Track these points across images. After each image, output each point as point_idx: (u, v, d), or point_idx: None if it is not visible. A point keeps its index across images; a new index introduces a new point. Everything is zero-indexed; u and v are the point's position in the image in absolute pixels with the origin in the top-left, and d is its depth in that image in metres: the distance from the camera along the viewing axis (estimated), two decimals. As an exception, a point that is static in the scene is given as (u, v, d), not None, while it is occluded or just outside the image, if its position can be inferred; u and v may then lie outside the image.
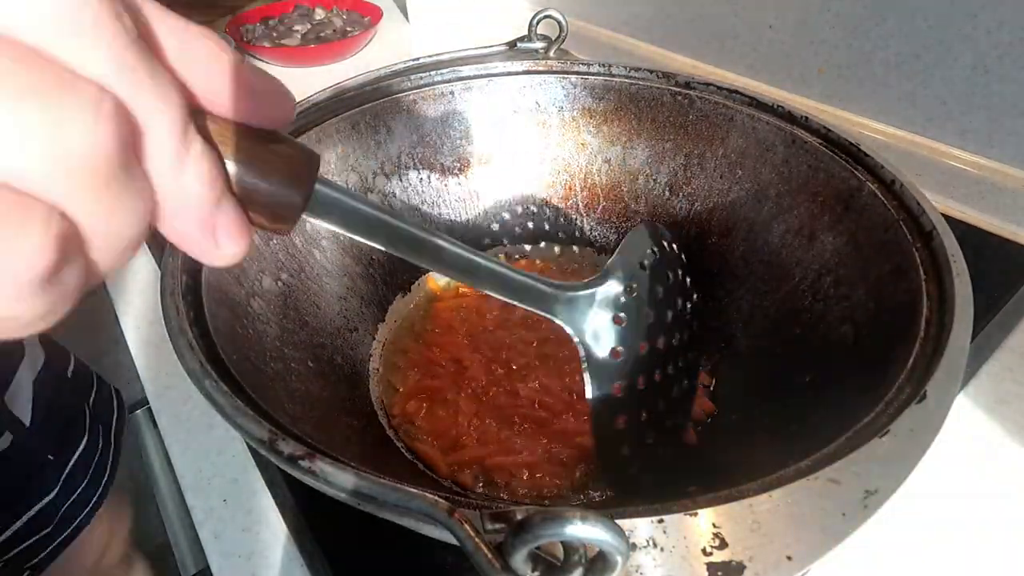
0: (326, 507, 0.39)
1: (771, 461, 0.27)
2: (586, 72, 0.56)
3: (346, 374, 0.47)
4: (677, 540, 0.23)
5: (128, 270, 0.63)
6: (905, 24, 0.64)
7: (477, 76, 0.56)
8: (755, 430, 0.40)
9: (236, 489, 0.44)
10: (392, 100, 0.54)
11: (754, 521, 0.23)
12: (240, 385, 0.31)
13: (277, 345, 0.41)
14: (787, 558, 0.22)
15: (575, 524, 0.18)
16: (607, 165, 0.58)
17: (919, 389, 0.29)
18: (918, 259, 0.36)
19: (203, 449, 0.47)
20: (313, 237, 0.49)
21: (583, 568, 0.20)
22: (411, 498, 0.22)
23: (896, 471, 0.25)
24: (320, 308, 0.47)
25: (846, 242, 0.42)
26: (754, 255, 0.49)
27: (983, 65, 0.60)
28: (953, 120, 0.64)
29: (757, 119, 0.49)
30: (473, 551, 0.20)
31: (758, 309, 0.47)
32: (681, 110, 0.54)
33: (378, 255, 0.53)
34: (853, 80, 0.71)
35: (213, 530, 0.42)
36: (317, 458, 0.25)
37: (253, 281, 0.42)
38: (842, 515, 0.24)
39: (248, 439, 0.27)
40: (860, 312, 0.39)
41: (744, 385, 0.45)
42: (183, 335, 0.32)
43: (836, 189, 0.44)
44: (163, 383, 0.52)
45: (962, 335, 0.31)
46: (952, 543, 0.39)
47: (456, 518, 0.21)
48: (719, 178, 0.52)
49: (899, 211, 0.39)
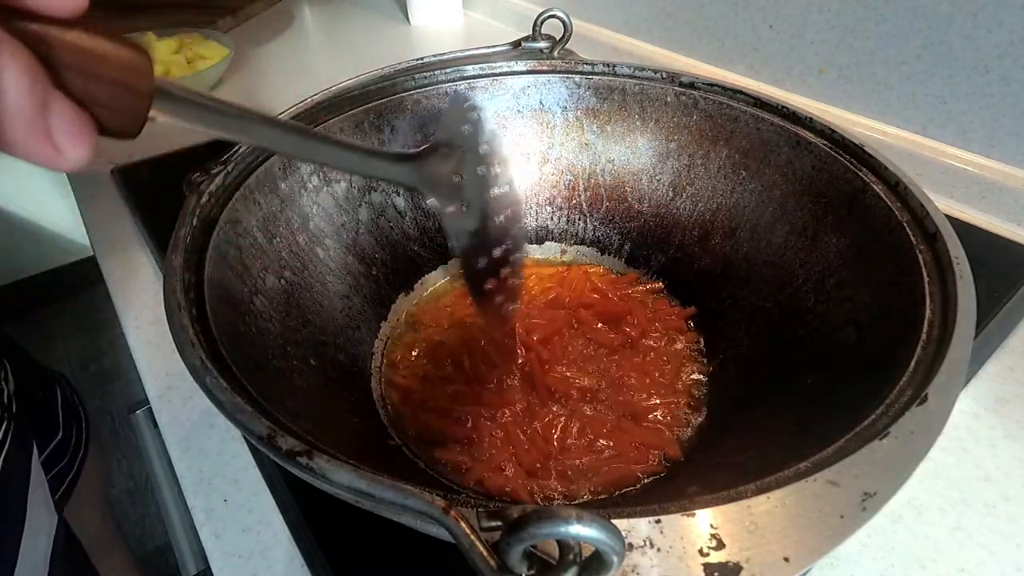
0: (327, 507, 0.40)
1: (771, 462, 0.27)
2: (590, 72, 0.56)
3: (348, 372, 0.47)
4: (674, 540, 0.23)
5: (128, 270, 0.63)
6: (905, 24, 0.64)
7: (481, 75, 0.56)
8: (756, 431, 0.40)
9: (237, 489, 0.44)
10: (396, 99, 0.54)
11: (752, 522, 0.23)
12: (241, 382, 0.31)
13: (279, 343, 0.41)
14: (784, 559, 0.22)
15: (571, 523, 0.18)
16: (611, 165, 0.58)
17: (920, 391, 0.28)
18: (921, 261, 0.36)
19: (203, 449, 0.47)
20: (316, 235, 0.49)
21: (578, 567, 0.20)
22: (408, 496, 0.22)
23: (896, 473, 0.25)
24: (322, 306, 0.47)
25: (850, 243, 0.42)
26: (757, 256, 0.49)
27: (983, 65, 0.60)
28: (953, 120, 0.64)
29: (761, 119, 0.49)
30: (469, 549, 0.20)
31: (761, 310, 0.47)
32: (685, 110, 0.53)
33: (381, 254, 0.54)
34: (853, 80, 0.70)
35: (214, 530, 0.42)
36: (316, 455, 0.25)
37: (256, 279, 0.42)
38: (840, 517, 0.23)
39: (248, 435, 0.27)
40: (863, 314, 0.39)
41: (745, 385, 0.45)
42: (185, 331, 0.32)
43: (840, 190, 0.44)
44: (163, 383, 0.52)
45: (964, 339, 0.31)
46: (952, 543, 0.39)
47: (452, 516, 0.21)
48: (723, 179, 0.52)
49: (903, 212, 0.39)
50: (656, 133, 0.55)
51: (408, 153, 0.37)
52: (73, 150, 0.19)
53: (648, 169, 0.56)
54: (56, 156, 0.19)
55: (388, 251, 0.54)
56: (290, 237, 0.46)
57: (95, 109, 0.20)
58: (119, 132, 0.22)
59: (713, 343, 0.50)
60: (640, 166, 0.57)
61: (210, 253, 0.38)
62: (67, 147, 0.19)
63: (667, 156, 0.55)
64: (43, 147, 0.19)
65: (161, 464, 0.62)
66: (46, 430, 0.72)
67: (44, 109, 0.18)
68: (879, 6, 0.65)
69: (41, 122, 0.18)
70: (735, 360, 0.48)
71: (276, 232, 0.45)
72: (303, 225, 0.48)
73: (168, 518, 0.60)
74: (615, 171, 0.58)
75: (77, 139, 0.19)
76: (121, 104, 0.21)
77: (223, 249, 0.40)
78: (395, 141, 0.54)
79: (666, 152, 0.55)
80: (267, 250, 0.44)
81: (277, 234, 0.45)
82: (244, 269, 0.41)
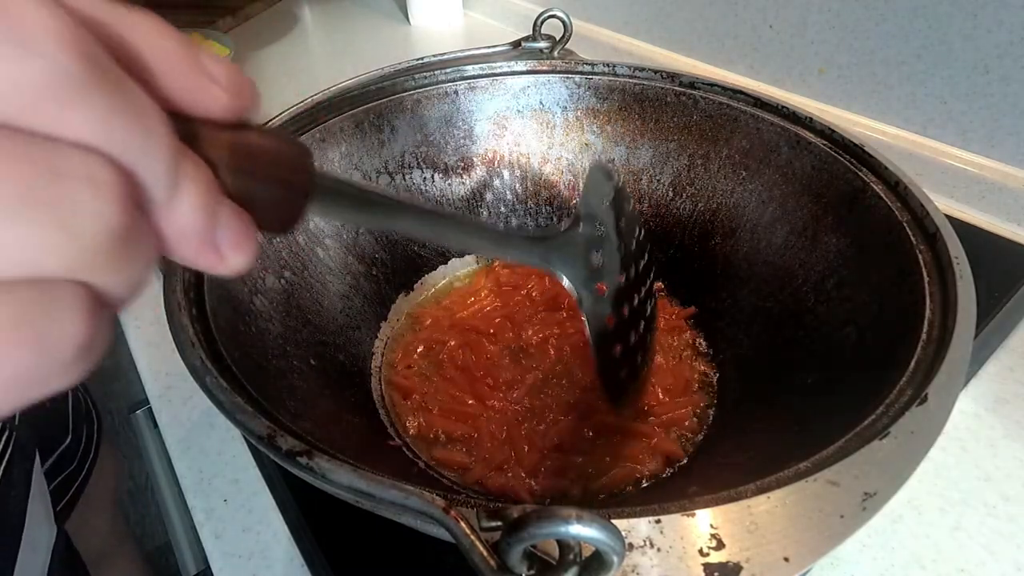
0: (327, 507, 0.40)
1: (771, 462, 0.27)
2: (590, 72, 0.56)
3: (348, 372, 0.47)
4: (674, 540, 0.23)
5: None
6: (905, 24, 0.64)
7: (481, 75, 0.56)
8: (756, 431, 0.40)
9: (237, 489, 0.44)
10: (396, 99, 0.54)
11: (752, 522, 0.23)
12: (241, 382, 0.31)
13: (279, 343, 0.41)
14: (784, 559, 0.22)
15: (571, 523, 0.18)
16: (611, 165, 0.58)
17: (920, 391, 0.28)
18: (922, 261, 0.36)
19: (203, 449, 0.47)
20: (316, 235, 0.49)
21: (578, 567, 0.20)
22: (408, 495, 0.22)
23: (896, 473, 0.25)
24: (323, 306, 0.47)
25: (850, 244, 0.42)
26: (757, 256, 0.49)
27: (983, 65, 0.60)
28: (953, 120, 0.64)
29: (761, 119, 0.49)
30: (469, 549, 0.20)
31: (761, 310, 0.47)
32: (685, 110, 0.53)
33: (381, 254, 0.54)
34: (853, 80, 0.70)
35: (214, 530, 0.42)
36: (316, 455, 0.25)
37: (256, 279, 0.42)
38: (840, 517, 0.23)
39: (247, 435, 0.27)
40: (863, 314, 0.39)
41: (746, 386, 0.45)
42: (185, 331, 0.32)
43: (840, 190, 0.44)
44: (163, 383, 0.52)
45: (964, 339, 0.31)
46: (952, 543, 0.39)
47: (452, 516, 0.21)
48: (723, 179, 0.52)
49: (903, 213, 0.39)
50: (656, 133, 0.55)
51: (545, 235, 0.36)
52: (236, 258, 0.19)
53: (648, 169, 0.56)
54: (219, 263, 0.18)
55: (388, 251, 0.54)
56: (290, 237, 0.46)
57: (256, 211, 0.19)
58: (274, 230, 0.21)
59: (713, 343, 0.50)
60: (640, 166, 0.57)
61: (210, 253, 0.38)
62: (231, 256, 0.18)
63: (667, 156, 0.55)
64: (209, 258, 0.18)
65: (161, 464, 0.62)
66: (54, 436, 0.71)
67: (214, 221, 0.18)
68: (879, 6, 0.65)
69: (211, 235, 0.18)
70: (735, 360, 0.48)
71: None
72: (303, 225, 0.48)
73: (168, 518, 0.59)
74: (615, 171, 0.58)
75: (241, 247, 0.19)
76: (280, 204, 0.20)
77: (223, 249, 0.40)
78: (395, 141, 0.54)
79: (666, 152, 0.55)
80: (267, 250, 0.44)
81: (277, 234, 0.45)
82: (244, 269, 0.41)
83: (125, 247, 0.15)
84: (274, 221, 0.20)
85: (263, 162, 0.19)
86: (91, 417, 0.79)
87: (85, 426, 0.77)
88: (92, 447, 0.77)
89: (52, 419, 0.71)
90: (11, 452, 0.55)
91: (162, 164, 0.16)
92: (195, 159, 0.17)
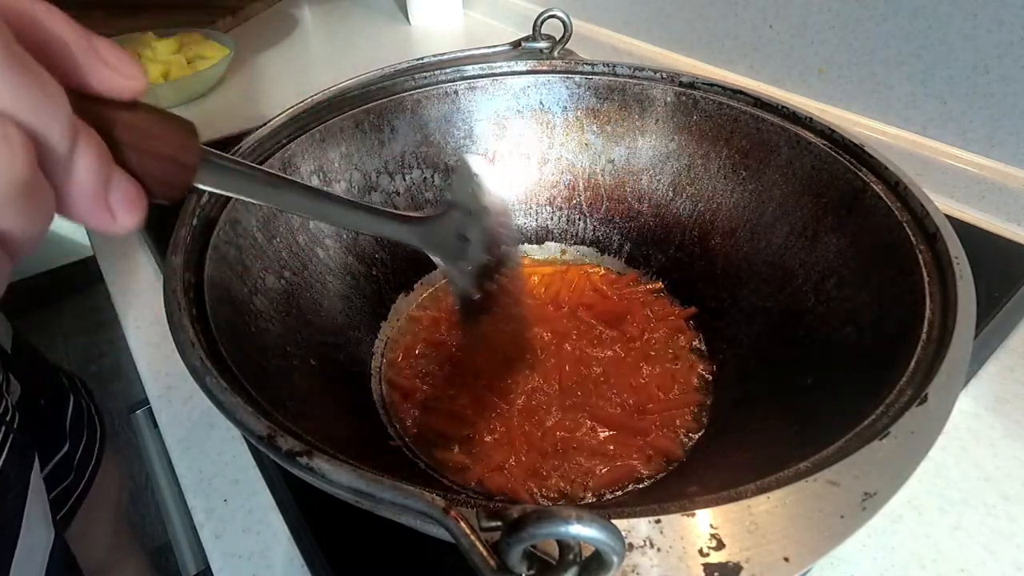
0: (327, 507, 0.40)
1: (771, 462, 0.27)
2: (590, 72, 0.56)
3: (348, 372, 0.47)
4: (674, 540, 0.23)
5: (128, 271, 0.63)
6: (905, 24, 0.64)
7: (481, 76, 0.56)
8: (756, 431, 0.40)
9: (237, 489, 0.44)
10: (396, 99, 0.54)
11: (752, 522, 0.23)
12: (241, 382, 0.31)
13: (279, 343, 0.41)
14: (784, 559, 0.22)
15: (570, 523, 0.18)
16: (611, 165, 0.58)
17: (920, 391, 0.28)
18: (921, 261, 0.36)
19: (203, 449, 0.47)
20: (316, 235, 0.49)
21: (578, 567, 0.20)
22: (408, 495, 0.22)
23: (896, 473, 0.25)
24: (323, 306, 0.47)
25: (850, 243, 0.42)
26: (757, 256, 0.49)
27: (983, 65, 0.60)
28: (953, 120, 0.64)
29: (761, 120, 0.49)
30: (469, 549, 0.20)
31: (761, 310, 0.47)
32: (685, 110, 0.53)
33: (381, 254, 0.54)
34: (853, 80, 0.70)
35: (214, 530, 0.42)
36: (316, 455, 0.25)
37: (256, 279, 0.42)
38: (840, 517, 0.23)
39: (247, 435, 0.27)
40: (863, 314, 0.39)
41: (745, 385, 0.45)
42: (185, 331, 0.32)
43: (840, 190, 0.44)
44: (163, 383, 0.52)
45: (964, 339, 0.31)
46: (952, 543, 0.39)
47: (452, 516, 0.21)
48: (723, 179, 0.52)
49: (903, 213, 0.39)
50: (656, 133, 0.55)
51: (418, 216, 0.39)
52: (127, 218, 0.22)
53: (648, 169, 0.56)
54: (112, 223, 0.22)
55: (388, 251, 0.54)
56: (290, 237, 0.46)
57: (146, 180, 0.23)
58: (165, 198, 0.24)
59: (713, 343, 0.50)
60: (640, 166, 0.57)
61: (210, 253, 0.38)
62: (122, 216, 0.22)
63: (667, 156, 0.55)
64: (102, 216, 0.21)
65: (161, 464, 0.62)
66: (51, 442, 0.70)
67: (107, 184, 0.21)
68: (879, 6, 0.65)
69: (103, 196, 0.21)
70: (735, 360, 0.48)
71: (276, 232, 0.45)
72: (303, 225, 0.48)
73: (168, 518, 0.59)
74: (615, 171, 0.58)
75: (131, 209, 0.22)
76: (168, 175, 0.24)
77: (223, 249, 0.40)
78: (395, 141, 0.54)
79: (666, 152, 0.55)
80: (267, 250, 0.44)
81: (277, 234, 0.45)
82: (244, 269, 0.41)
83: (29, 198, 0.18)
84: (164, 189, 0.24)
85: (150, 136, 0.23)
86: (93, 424, 0.79)
87: (86, 432, 0.76)
88: (93, 454, 0.77)
89: (49, 424, 0.71)
90: (7, 454, 0.55)
91: (62, 129, 0.19)
92: (89, 130, 0.21)
